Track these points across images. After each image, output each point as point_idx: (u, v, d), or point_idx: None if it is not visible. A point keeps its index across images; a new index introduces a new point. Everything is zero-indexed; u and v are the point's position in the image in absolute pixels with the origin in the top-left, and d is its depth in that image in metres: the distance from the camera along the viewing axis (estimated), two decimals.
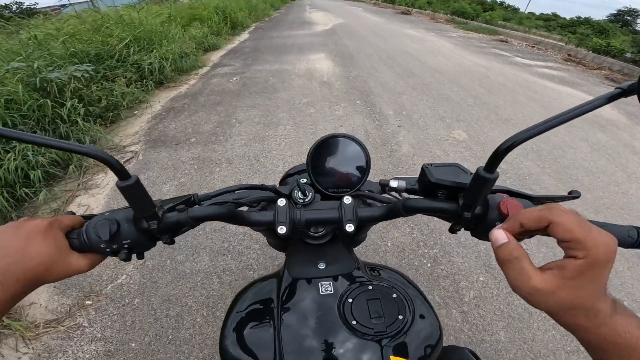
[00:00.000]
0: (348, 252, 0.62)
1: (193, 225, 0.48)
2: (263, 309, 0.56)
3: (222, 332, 0.56)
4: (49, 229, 0.42)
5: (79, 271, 0.45)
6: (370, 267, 0.63)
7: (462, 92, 4.44)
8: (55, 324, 1.54)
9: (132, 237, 0.45)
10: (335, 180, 0.58)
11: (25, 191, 2.23)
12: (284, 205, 0.51)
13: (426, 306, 0.56)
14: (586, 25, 11.55)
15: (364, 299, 0.53)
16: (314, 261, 0.60)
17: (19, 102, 2.65)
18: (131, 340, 1.49)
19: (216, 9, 8.03)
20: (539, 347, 1.45)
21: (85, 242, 0.44)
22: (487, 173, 0.39)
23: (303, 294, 0.55)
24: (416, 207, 0.48)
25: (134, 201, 0.42)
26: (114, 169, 0.38)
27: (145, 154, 2.87)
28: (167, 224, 0.46)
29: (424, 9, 15.88)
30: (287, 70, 5.27)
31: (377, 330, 0.49)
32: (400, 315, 0.51)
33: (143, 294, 1.68)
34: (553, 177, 2.59)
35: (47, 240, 0.41)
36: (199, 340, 1.47)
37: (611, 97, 0.33)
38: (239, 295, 0.60)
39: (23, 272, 0.38)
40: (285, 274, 0.59)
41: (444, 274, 1.76)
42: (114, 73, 3.78)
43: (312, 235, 0.61)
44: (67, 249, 0.44)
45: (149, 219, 0.44)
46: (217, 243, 1.94)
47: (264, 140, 3.05)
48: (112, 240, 0.44)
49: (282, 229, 0.49)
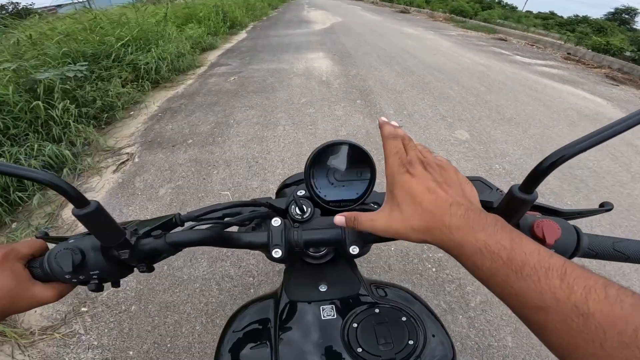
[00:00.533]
0: (352, 271, 0.57)
1: (173, 252, 0.43)
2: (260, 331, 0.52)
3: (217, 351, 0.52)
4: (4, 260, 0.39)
5: (45, 302, 0.41)
6: (375, 285, 0.58)
7: (462, 91, 4.40)
8: (50, 330, 1.51)
9: (100, 267, 0.41)
10: (337, 193, 0.51)
11: (19, 195, 2.18)
12: (279, 225, 0.46)
13: (437, 325, 0.52)
14: (584, 23, 11.55)
15: (371, 323, 0.48)
16: (314, 283, 0.55)
17: (10, 104, 2.58)
18: (129, 349, 1.45)
19: (214, 8, 7.96)
20: (547, 352, 1.40)
21: (48, 272, 0.40)
22: (524, 194, 0.34)
23: (303, 317, 0.51)
24: None
25: (97, 230, 0.38)
26: (66, 195, 0.33)
27: (142, 156, 2.81)
28: (141, 252, 0.41)
29: (422, 7, 15.86)
30: (286, 69, 5.21)
31: (385, 358, 0.45)
32: (410, 340, 0.47)
33: (140, 300, 1.63)
34: (557, 177, 2.55)
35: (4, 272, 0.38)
36: (198, 349, 1.44)
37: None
38: (236, 315, 0.57)
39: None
40: (283, 295, 0.54)
41: (449, 279, 1.72)
42: (109, 73, 3.72)
43: (311, 255, 0.56)
44: (28, 279, 0.40)
45: (119, 248, 0.39)
46: (216, 248, 1.88)
47: (263, 141, 2.99)
48: (77, 271, 0.39)
49: (277, 253, 0.44)
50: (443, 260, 1.82)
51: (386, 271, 1.76)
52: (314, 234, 0.47)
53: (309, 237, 0.47)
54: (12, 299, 0.38)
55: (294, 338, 0.49)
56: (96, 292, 0.42)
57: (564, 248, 0.41)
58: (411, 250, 1.88)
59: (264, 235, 0.46)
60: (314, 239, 0.47)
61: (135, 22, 4.61)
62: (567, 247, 0.41)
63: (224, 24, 8.11)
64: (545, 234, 0.37)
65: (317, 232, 0.47)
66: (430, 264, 1.80)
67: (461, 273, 1.74)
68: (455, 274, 1.74)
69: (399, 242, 1.89)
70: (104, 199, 2.29)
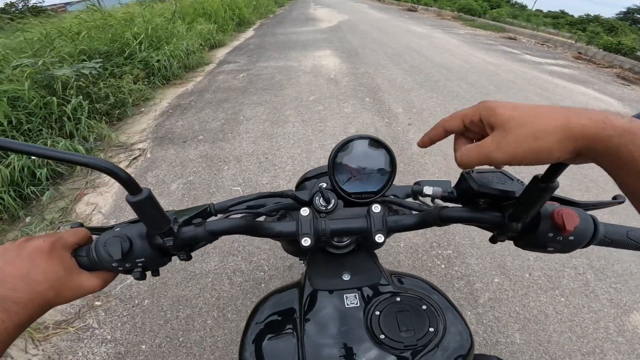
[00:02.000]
0: (373, 262, 0.59)
1: (211, 240, 0.45)
2: (284, 320, 0.54)
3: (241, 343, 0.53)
4: (52, 249, 0.39)
5: (91, 291, 0.41)
6: (395, 275, 0.60)
7: (471, 90, 4.38)
8: (65, 325, 1.54)
9: (145, 254, 0.42)
10: (358, 185, 0.53)
11: (32, 189, 2.22)
12: (308, 215, 0.48)
13: (455, 314, 0.53)
14: (595, 23, 11.39)
15: (393, 311, 0.50)
16: (337, 272, 0.56)
17: (25, 100, 2.63)
18: (141, 342, 1.47)
19: (223, 5, 8.01)
20: (554, 349, 1.43)
21: (95, 260, 0.41)
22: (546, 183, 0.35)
23: (327, 306, 0.52)
24: (455, 217, 0.46)
25: (147, 217, 0.39)
26: (123, 182, 0.34)
27: (153, 152, 2.85)
28: (184, 240, 0.42)
29: (430, 6, 15.73)
30: (293, 67, 5.23)
31: (407, 344, 0.46)
32: (431, 327, 0.48)
33: (153, 295, 1.66)
34: (567, 176, 2.54)
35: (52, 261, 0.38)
36: (210, 343, 1.46)
37: None
38: (259, 306, 0.58)
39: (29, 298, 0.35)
40: (307, 284, 0.56)
41: (458, 276, 1.73)
42: (121, 70, 3.77)
43: (335, 245, 0.58)
44: (75, 268, 0.41)
45: (164, 235, 0.41)
46: (227, 243, 1.91)
47: (272, 138, 3.02)
48: (125, 258, 0.40)
49: (307, 241, 0.46)
50: (452, 257, 1.83)
51: (396, 267, 1.77)
52: (340, 223, 0.49)
53: (335, 226, 0.48)
54: (59, 289, 0.38)
55: (319, 326, 0.50)
56: (140, 280, 0.43)
57: (581, 235, 0.42)
58: (420, 247, 1.89)
59: (292, 224, 0.48)
60: (340, 228, 0.49)
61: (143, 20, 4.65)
62: (585, 235, 0.42)
63: (232, 21, 8.15)
64: (565, 221, 0.39)
65: (343, 222, 0.49)
66: (440, 261, 1.81)
67: (469, 270, 1.75)
68: (464, 271, 1.75)
69: (408, 239, 1.91)
70: (117, 194, 2.34)
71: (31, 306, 0.35)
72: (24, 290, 0.35)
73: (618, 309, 1.60)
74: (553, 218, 0.40)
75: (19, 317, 0.34)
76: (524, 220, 0.41)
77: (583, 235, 0.42)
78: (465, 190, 0.47)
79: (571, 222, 0.39)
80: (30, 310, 0.35)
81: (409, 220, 0.50)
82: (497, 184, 0.45)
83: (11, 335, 0.33)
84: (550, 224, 0.41)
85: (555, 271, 1.77)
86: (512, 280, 1.71)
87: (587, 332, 1.50)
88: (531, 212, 0.40)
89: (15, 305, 0.34)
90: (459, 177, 0.49)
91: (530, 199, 0.38)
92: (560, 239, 0.41)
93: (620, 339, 1.48)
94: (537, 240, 0.43)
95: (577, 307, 1.60)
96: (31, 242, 0.38)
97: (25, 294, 0.35)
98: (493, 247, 1.87)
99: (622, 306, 1.62)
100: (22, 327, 0.35)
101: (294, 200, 0.55)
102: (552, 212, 0.41)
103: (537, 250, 0.45)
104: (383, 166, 0.53)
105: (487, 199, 0.45)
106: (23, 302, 0.35)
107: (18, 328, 0.34)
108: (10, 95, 2.59)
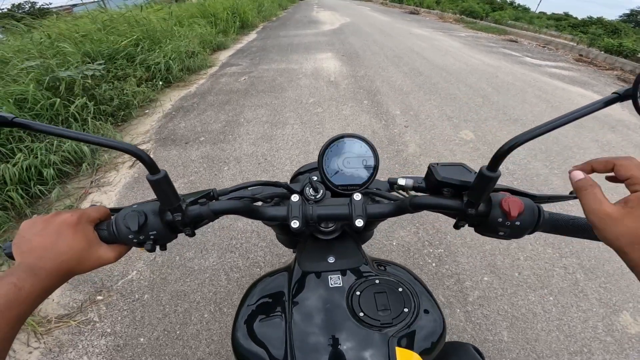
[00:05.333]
0: (357, 248, 0.65)
1: (213, 218, 0.51)
2: (274, 302, 0.58)
3: (234, 325, 0.57)
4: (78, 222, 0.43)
5: (107, 262, 0.46)
6: (377, 262, 0.65)
7: (470, 92, 4.42)
8: (67, 318, 1.58)
9: (157, 228, 0.47)
10: (345, 178, 0.61)
11: (39, 188, 2.29)
12: (297, 201, 0.53)
13: (431, 301, 0.58)
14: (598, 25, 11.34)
15: (372, 292, 0.55)
16: (323, 255, 0.62)
17: (31, 101, 2.71)
18: (140, 335, 1.51)
19: (226, 9, 8.08)
20: (542, 347, 1.45)
21: (115, 233, 0.47)
22: (490, 172, 0.41)
23: (313, 286, 0.57)
24: (423, 204, 0.51)
25: (162, 194, 0.45)
26: (145, 163, 0.41)
27: (156, 152, 2.92)
28: (190, 217, 0.48)
29: (432, 8, 15.76)
30: (294, 69, 5.30)
31: (384, 322, 0.51)
32: (405, 308, 0.53)
33: (152, 289, 1.71)
34: (562, 177, 2.57)
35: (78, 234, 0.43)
36: (205, 336, 1.50)
37: (608, 102, 0.36)
38: (250, 289, 0.62)
39: (56, 265, 0.40)
40: (296, 267, 0.61)
41: (448, 274, 1.77)
42: (125, 72, 3.85)
43: (322, 231, 0.64)
44: (96, 241, 0.46)
45: (174, 212, 0.47)
46: (225, 240, 1.97)
47: (272, 140, 3.08)
48: (140, 231, 0.46)
49: (295, 224, 0.51)
50: (443, 255, 1.87)
51: None
52: (325, 209, 0.55)
53: (321, 212, 0.54)
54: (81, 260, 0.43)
55: (305, 304, 0.55)
56: (151, 251, 0.49)
57: (527, 221, 0.48)
58: (412, 245, 1.93)
59: (283, 209, 0.54)
60: (325, 213, 0.54)
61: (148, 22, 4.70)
62: (530, 221, 0.48)
63: (234, 23, 8.23)
64: (511, 208, 0.45)
65: (328, 208, 0.55)
66: (431, 259, 1.85)
67: (460, 268, 1.79)
68: (454, 269, 1.79)
69: (401, 238, 1.95)
70: (121, 192, 2.41)
71: (56, 274, 0.40)
72: (50, 259, 0.40)
73: (607, 309, 1.62)
74: (501, 205, 0.46)
75: (45, 283, 0.39)
76: (477, 206, 0.47)
77: (528, 221, 0.48)
78: (432, 181, 0.53)
79: (515, 209, 0.45)
80: (55, 277, 0.40)
81: (385, 208, 0.55)
82: (457, 175, 0.51)
83: (39, 298, 0.38)
84: (500, 211, 0.47)
85: (545, 270, 1.81)
86: (501, 279, 1.75)
87: (575, 331, 1.52)
88: (483, 198, 0.45)
89: (44, 271, 0.39)
90: (426, 170, 0.54)
91: (480, 186, 0.44)
92: (509, 224, 0.47)
93: (609, 338, 1.49)
94: (490, 225, 0.48)
95: (566, 306, 1.63)
96: (60, 216, 0.43)
97: (51, 262, 0.40)
98: (484, 247, 1.91)
99: (612, 306, 1.63)
100: (48, 292, 0.40)
101: (287, 190, 0.62)
102: (500, 200, 0.47)
103: (491, 235, 0.50)
104: (368, 162, 0.61)
105: (450, 189, 0.51)
106: (49, 270, 0.39)
107: (45, 292, 0.39)
108: (16, 97, 2.67)
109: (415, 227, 2.06)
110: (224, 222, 2.09)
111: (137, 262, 1.86)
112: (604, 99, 0.36)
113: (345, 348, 0.49)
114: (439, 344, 0.54)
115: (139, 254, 1.90)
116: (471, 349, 0.64)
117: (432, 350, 0.52)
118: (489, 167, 0.41)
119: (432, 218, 2.12)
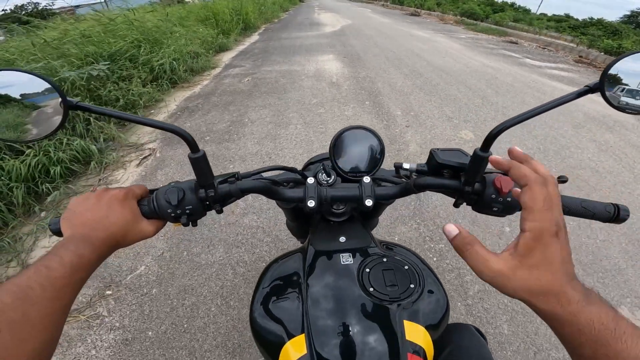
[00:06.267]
0: (366, 231, 0.70)
1: (240, 196, 0.56)
2: (290, 281, 0.63)
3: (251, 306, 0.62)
4: (125, 198, 0.49)
5: (147, 236, 0.51)
6: (384, 244, 0.70)
7: (469, 93, 4.47)
8: (76, 313, 1.60)
9: (192, 203, 0.53)
10: (354, 166, 0.67)
11: (47, 186, 2.34)
12: (313, 183, 0.59)
13: (435, 281, 0.62)
14: (598, 26, 11.40)
15: (380, 269, 0.60)
16: (335, 236, 0.68)
17: None
18: (148, 329, 1.54)
19: (230, 11, 8.15)
20: (541, 340, 1.48)
21: (155, 208, 0.52)
22: (482, 152, 0.47)
23: (326, 264, 0.62)
24: (425, 184, 0.56)
25: (199, 171, 0.50)
26: (187, 142, 0.47)
27: (163, 151, 2.98)
28: (221, 194, 0.54)
29: (433, 10, 15.85)
30: (297, 71, 5.36)
31: (392, 297, 0.56)
32: (411, 284, 0.58)
33: (160, 284, 1.75)
34: (558, 174, 2.61)
35: (125, 208, 0.48)
36: (212, 329, 1.53)
37: (580, 94, 0.41)
38: (266, 271, 0.67)
39: (107, 236, 0.45)
40: (309, 248, 0.66)
41: (449, 268, 1.81)
42: (129, 73, 3.90)
43: (333, 212, 0.70)
44: (139, 215, 0.51)
45: (208, 188, 0.52)
46: (232, 236, 2.02)
47: (276, 139, 3.13)
48: (178, 205, 0.52)
49: (312, 203, 0.56)
50: (444, 250, 1.92)
51: None
52: (338, 191, 0.60)
53: (334, 193, 0.59)
54: (126, 232, 0.47)
55: (320, 281, 0.60)
56: (185, 225, 0.54)
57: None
58: (413, 241, 1.98)
59: (300, 191, 0.59)
60: (338, 195, 0.59)
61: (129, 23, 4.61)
62: None
63: (238, 25, 8.30)
64: (502, 185, 0.51)
65: (340, 190, 0.60)
66: (432, 254, 1.90)
67: (460, 263, 1.84)
68: (454, 264, 1.83)
69: (402, 233, 2.00)
70: None
71: (106, 244, 0.44)
72: (101, 230, 0.45)
73: None
74: (494, 183, 0.52)
75: (100, 250, 0.43)
76: (472, 185, 0.52)
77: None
78: (433, 164, 0.58)
79: (506, 186, 0.50)
80: (105, 248, 0.44)
81: (392, 190, 0.61)
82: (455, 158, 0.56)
83: (95, 264, 0.43)
84: (493, 189, 0.52)
85: None
86: None
87: None
88: (477, 176, 0.51)
89: (98, 240, 0.43)
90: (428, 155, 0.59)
91: (475, 166, 0.49)
92: (501, 200, 0.52)
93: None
94: (485, 202, 0.53)
95: None
96: (109, 192, 0.49)
97: (104, 232, 0.45)
98: (484, 242, 1.96)
99: (610, 301, 1.67)
100: (101, 259, 0.44)
101: (301, 176, 0.69)
102: (493, 179, 0.52)
103: (487, 212, 0.55)
104: (375, 152, 0.67)
105: (449, 170, 0.56)
106: (103, 239, 0.44)
107: (99, 259, 0.43)
108: None
109: (417, 223, 2.11)
110: (229, 218, 2.14)
111: (145, 257, 1.90)
112: (577, 90, 0.42)
113: (357, 320, 0.54)
114: (444, 322, 0.58)
115: (146, 249, 1.94)
116: (473, 329, 0.68)
117: (438, 326, 0.57)
118: (481, 149, 0.47)
119: (433, 214, 2.17)
